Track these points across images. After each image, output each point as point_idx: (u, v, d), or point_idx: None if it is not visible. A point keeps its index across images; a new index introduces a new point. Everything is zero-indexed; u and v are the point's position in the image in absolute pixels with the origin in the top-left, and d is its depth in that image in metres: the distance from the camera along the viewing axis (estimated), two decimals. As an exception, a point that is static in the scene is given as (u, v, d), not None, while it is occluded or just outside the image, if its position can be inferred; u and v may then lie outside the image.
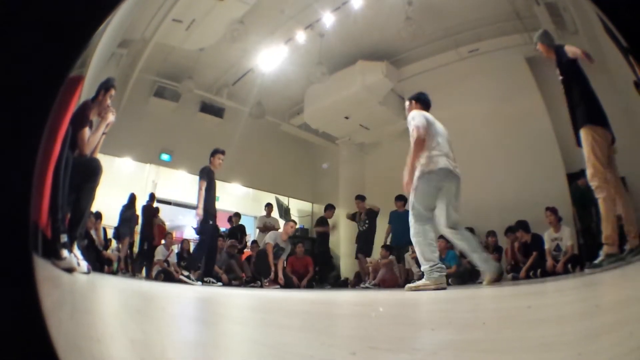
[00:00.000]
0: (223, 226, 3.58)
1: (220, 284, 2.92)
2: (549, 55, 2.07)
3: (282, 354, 0.82)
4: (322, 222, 3.25)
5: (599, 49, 1.89)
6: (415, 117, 2.58)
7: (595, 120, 1.78)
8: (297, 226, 3.57)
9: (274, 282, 3.02)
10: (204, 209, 3.04)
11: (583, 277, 2.37)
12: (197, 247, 3.12)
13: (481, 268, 2.37)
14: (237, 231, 3.48)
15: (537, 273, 2.54)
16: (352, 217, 3.11)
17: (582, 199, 2.40)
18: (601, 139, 1.75)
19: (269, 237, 3.22)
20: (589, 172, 1.79)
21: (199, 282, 2.90)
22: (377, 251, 2.91)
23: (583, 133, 1.82)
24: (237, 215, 3.55)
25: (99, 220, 2.71)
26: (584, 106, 1.87)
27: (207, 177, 3.05)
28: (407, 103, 2.76)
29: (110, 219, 2.83)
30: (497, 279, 2.31)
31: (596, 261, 1.81)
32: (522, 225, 2.45)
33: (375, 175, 2.76)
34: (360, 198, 3.05)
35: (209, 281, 2.89)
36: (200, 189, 3.04)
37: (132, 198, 2.91)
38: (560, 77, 2.01)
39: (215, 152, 3.02)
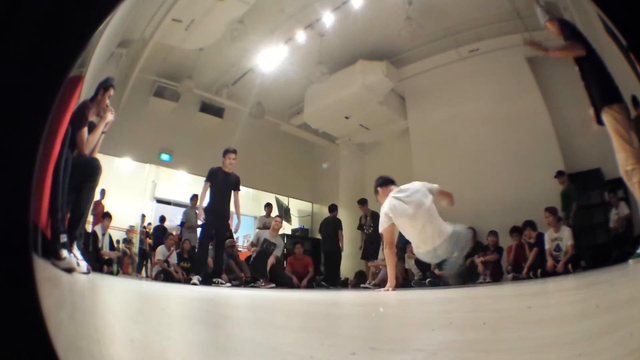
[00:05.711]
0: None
1: (229, 284, 2.97)
2: (558, 32, 1.99)
3: (282, 354, 0.82)
4: (336, 223, 3.24)
5: (599, 48, 1.88)
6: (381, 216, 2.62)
7: (610, 100, 1.71)
8: (297, 226, 3.56)
9: (270, 282, 3.03)
10: (204, 210, 3.09)
11: (583, 277, 2.37)
12: (197, 249, 3.15)
13: None
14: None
15: (537, 273, 2.54)
16: (360, 225, 3.11)
17: (566, 198, 2.43)
18: (621, 115, 1.69)
19: (258, 234, 3.25)
20: (621, 157, 1.69)
21: (203, 283, 2.92)
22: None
23: (604, 116, 1.75)
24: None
25: (107, 219, 2.75)
26: (597, 86, 1.80)
27: (209, 179, 3.11)
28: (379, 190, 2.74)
29: (117, 220, 2.85)
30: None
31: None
32: (530, 223, 2.50)
33: (375, 175, 2.75)
34: (363, 202, 3.05)
35: (217, 282, 2.92)
36: (203, 189, 3.11)
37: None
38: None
39: (225, 152, 3.09)
